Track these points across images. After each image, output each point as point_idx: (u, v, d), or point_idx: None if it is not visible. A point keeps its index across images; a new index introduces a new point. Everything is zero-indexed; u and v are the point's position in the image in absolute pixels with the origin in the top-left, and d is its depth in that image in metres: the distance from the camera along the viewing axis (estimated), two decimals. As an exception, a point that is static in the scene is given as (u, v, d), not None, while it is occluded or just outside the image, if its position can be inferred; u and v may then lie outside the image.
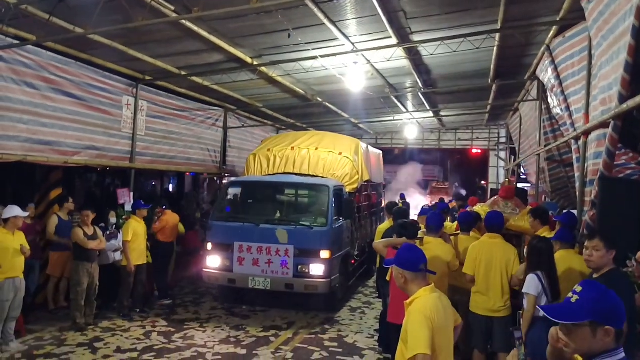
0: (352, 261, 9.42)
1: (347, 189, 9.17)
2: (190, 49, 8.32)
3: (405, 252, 3.01)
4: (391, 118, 16.07)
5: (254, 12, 6.65)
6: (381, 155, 13.70)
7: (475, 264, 5.14)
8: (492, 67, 10.04)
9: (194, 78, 10.12)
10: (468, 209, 8.29)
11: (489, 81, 11.12)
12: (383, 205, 12.65)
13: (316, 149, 9.62)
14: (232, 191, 9.21)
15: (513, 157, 18.15)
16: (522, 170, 16.71)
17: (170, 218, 9.09)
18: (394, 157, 23.49)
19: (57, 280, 8.13)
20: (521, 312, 4.47)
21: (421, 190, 22.61)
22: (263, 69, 9.55)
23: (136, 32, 7.25)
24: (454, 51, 8.28)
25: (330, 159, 9.46)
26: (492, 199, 8.01)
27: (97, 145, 8.64)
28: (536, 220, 5.80)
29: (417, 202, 18.50)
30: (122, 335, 6.96)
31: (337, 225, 8.24)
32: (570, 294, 1.77)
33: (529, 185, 15.31)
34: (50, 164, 7.81)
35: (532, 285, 4.24)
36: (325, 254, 7.74)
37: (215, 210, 8.79)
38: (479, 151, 21.16)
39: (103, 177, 13.37)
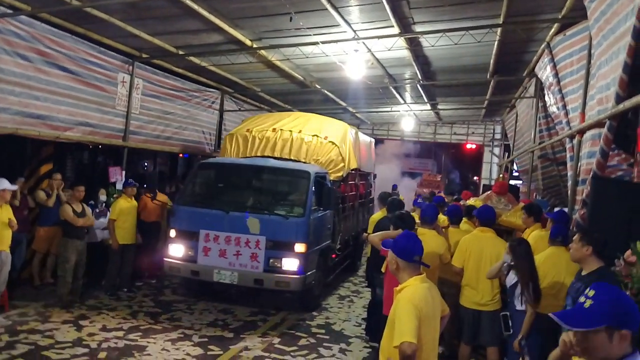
0: (333, 255, 8.69)
1: (332, 177, 8.43)
2: (189, 28, 8.20)
3: (404, 240, 3.01)
4: (389, 109, 16.03)
5: (255, -7, 6.56)
6: (373, 144, 12.96)
7: (464, 256, 5.17)
8: (491, 62, 10.01)
9: (192, 58, 10.01)
10: (461, 202, 8.31)
11: (488, 76, 11.10)
12: (373, 196, 12.40)
13: (300, 131, 8.75)
14: (202, 173, 8.38)
15: (507, 154, 18.22)
16: (515, 167, 16.78)
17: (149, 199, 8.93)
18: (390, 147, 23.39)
19: (43, 256, 8.06)
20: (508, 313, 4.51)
21: (413, 182, 22.62)
22: (262, 52, 9.45)
23: (135, 7, 7.14)
24: (455, 44, 8.22)
25: (314, 143, 8.63)
26: (486, 193, 8.06)
27: (90, 122, 8.53)
28: (530, 217, 5.82)
29: (409, 194, 18.53)
30: (108, 314, 6.93)
31: (316, 216, 7.51)
32: (582, 299, 1.68)
33: (521, 182, 15.39)
34: (41, 138, 7.69)
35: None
36: (300, 248, 7.02)
37: (182, 194, 7.95)
38: (474, 146, 21.20)
39: (95, 154, 13.24)
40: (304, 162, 8.39)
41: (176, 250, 7.35)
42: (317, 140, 8.68)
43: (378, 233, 5.66)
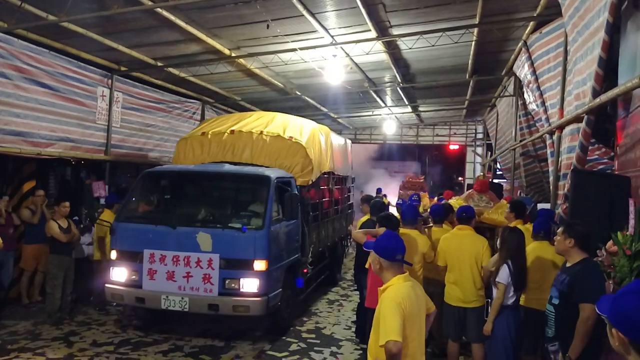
0: (305, 270, 7.63)
1: (298, 182, 7.43)
2: (167, 39, 8.19)
3: (385, 240, 3.03)
4: (370, 113, 16.14)
5: (232, 1, 6.60)
6: (349, 145, 11.88)
7: (444, 255, 5.24)
8: (470, 62, 10.16)
9: (171, 69, 9.99)
10: (443, 201, 8.38)
11: (467, 76, 11.25)
12: (352, 201, 11.90)
13: (261, 132, 7.66)
14: (147, 184, 7.29)
15: (489, 153, 18.44)
16: (498, 165, 16.98)
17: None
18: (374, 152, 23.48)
19: (31, 274, 7.94)
20: (489, 300, 4.62)
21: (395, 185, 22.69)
22: (241, 60, 9.47)
23: (112, 20, 7.12)
24: (433, 45, 8.34)
25: (277, 145, 7.56)
26: (467, 192, 8.13)
27: (71, 137, 8.47)
28: (511, 213, 5.90)
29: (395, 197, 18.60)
30: (98, 329, 6.84)
31: (279, 227, 6.54)
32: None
33: (505, 180, 15.57)
34: (23, 155, 7.62)
35: (504, 274, 4.45)
36: (260, 265, 6.04)
37: (123, 209, 6.85)
38: (457, 147, 21.41)
39: (78, 169, 13.09)
40: (266, 167, 7.30)
41: (118, 275, 6.37)
42: (280, 141, 7.59)
43: (361, 230, 5.72)
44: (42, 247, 7.58)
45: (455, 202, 7.36)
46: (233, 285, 6.04)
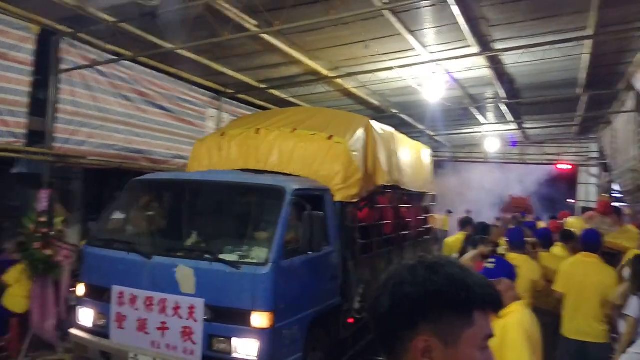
0: (351, 320, 5.50)
1: (338, 197, 5.39)
2: (269, 62, 8.63)
3: (508, 262, 2.92)
4: (470, 130, 15.60)
5: (331, 24, 6.78)
6: (428, 154, 9.43)
7: (565, 282, 4.80)
8: (582, 75, 9.48)
9: (273, 91, 10.47)
10: (560, 222, 7.83)
11: (579, 91, 10.49)
12: (431, 225, 9.65)
13: (294, 130, 5.85)
14: (132, 196, 5.50)
15: (606, 174, 16.92)
16: (616, 187, 15.50)
17: None
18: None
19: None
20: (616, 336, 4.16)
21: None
22: (339, 80, 9.68)
23: (220, 46, 7.65)
24: (540, 59, 7.92)
25: (313, 147, 5.62)
26: (588, 213, 7.52)
27: (182, 155, 9.15)
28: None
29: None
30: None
31: (295, 262, 4.53)
32: None
33: (625, 203, 14.17)
34: (142, 170, 8.38)
35: (634, 307, 4.00)
36: (260, 319, 4.10)
37: (97, 228, 5.42)
38: (567, 166, 19.89)
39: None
40: (294, 176, 5.48)
41: (84, 317, 4.75)
42: (317, 141, 5.68)
43: (468, 257, 5.38)
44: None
45: (575, 222, 6.83)
46: (222, 346, 4.15)
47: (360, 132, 5.98)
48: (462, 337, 0.99)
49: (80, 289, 4.86)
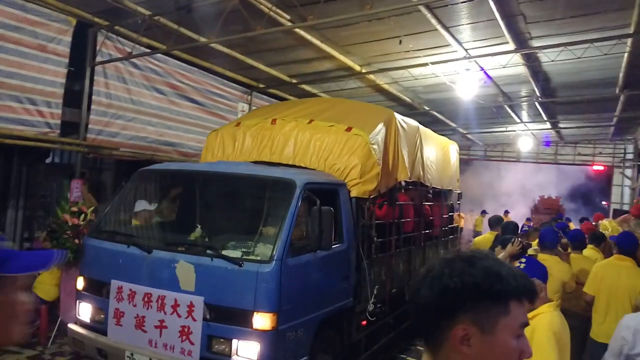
0: (364, 322, 5.22)
1: (355, 192, 5.11)
2: (302, 57, 8.61)
3: (539, 263, 2.86)
4: (503, 129, 15.31)
5: (366, 19, 6.72)
6: (455, 150, 8.88)
7: (596, 284, 4.69)
8: (621, 75, 9.18)
9: (304, 86, 10.45)
10: (593, 224, 7.63)
11: (617, 91, 10.17)
12: (457, 224, 9.39)
13: (311, 121, 5.57)
14: (137, 187, 5.30)
15: (642, 176, 16.40)
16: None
17: None
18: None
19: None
20: None
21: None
22: (371, 76, 9.60)
23: (253, 41, 7.67)
24: (578, 57, 7.68)
25: (330, 139, 5.34)
26: (622, 216, 7.32)
27: (213, 148, 9.25)
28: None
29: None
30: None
31: (302, 260, 4.29)
32: None
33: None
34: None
35: None
36: (263, 320, 3.88)
37: (99, 219, 5.19)
38: (602, 167, 19.33)
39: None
40: (309, 169, 5.24)
41: (83, 312, 4.63)
42: (334, 133, 5.39)
43: (502, 253, 5.28)
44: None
45: (609, 224, 6.65)
46: (222, 348, 3.96)
47: (381, 125, 5.60)
48: (498, 325, 1.05)
49: (80, 283, 4.71)
